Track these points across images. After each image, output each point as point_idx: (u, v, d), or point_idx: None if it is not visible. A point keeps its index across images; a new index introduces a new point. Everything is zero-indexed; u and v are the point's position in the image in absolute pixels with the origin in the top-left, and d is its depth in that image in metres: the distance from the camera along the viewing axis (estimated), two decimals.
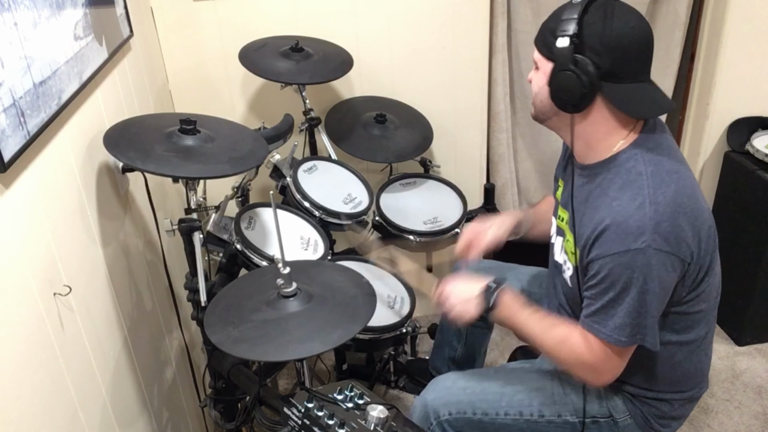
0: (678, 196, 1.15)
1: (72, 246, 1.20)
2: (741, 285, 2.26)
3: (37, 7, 1.10)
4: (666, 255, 1.13)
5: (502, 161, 2.38)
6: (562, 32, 1.13)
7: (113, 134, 1.34)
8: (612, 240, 1.15)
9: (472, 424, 1.39)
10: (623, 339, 1.18)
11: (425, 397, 1.43)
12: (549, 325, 1.30)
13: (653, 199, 1.13)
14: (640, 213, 1.13)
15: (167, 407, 1.70)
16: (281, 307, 1.20)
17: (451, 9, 2.12)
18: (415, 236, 1.89)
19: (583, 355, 1.23)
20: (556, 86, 1.18)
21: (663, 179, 1.16)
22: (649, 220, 1.12)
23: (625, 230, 1.13)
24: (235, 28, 2.04)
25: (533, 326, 1.30)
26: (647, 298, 1.15)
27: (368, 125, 2.04)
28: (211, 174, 1.35)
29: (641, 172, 1.17)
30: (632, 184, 1.17)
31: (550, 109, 1.23)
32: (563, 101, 1.19)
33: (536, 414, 1.37)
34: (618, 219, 1.15)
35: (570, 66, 1.14)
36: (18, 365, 0.96)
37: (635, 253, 1.12)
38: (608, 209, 1.17)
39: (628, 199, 1.15)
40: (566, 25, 1.13)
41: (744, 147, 2.30)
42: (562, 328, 1.28)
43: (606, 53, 1.13)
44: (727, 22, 2.20)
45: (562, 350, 1.27)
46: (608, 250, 1.15)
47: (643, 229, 1.12)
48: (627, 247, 1.13)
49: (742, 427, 2.05)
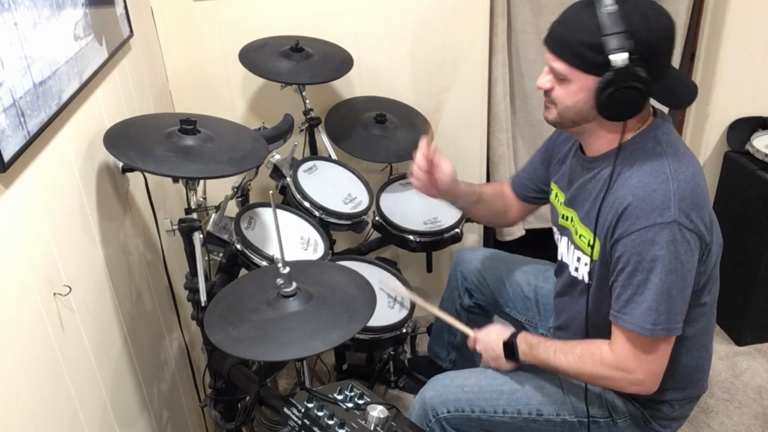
0: (695, 177, 1.16)
1: (72, 246, 1.20)
2: (741, 285, 2.26)
3: (37, 7, 1.10)
4: (689, 232, 1.12)
5: (502, 161, 2.38)
6: (617, 48, 1.09)
7: (113, 134, 1.34)
8: (636, 215, 1.14)
9: (471, 422, 1.40)
10: (648, 326, 1.14)
11: (424, 394, 1.44)
12: (568, 347, 1.28)
13: (675, 176, 1.14)
14: (665, 186, 1.13)
15: (167, 407, 1.70)
16: (281, 307, 1.20)
17: (451, 9, 2.12)
18: (415, 236, 1.89)
19: (606, 357, 1.21)
20: (613, 101, 1.14)
21: (681, 160, 1.17)
22: (673, 195, 1.12)
23: (650, 204, 1.12)
24: (235, 28, 2.04)
25: (554, 353, 1.29)
26: (673, 279, 1.13)
27: (368, 125, 2.04)
28: (211, 174, 1.35)
29: (661, 152, 1.18)
30: (653, 161, 1.17)
31: (587, 117, 1.21)
32: (617, 112, 1.16)
33: (535, 413, 1.37)
34: (641, 194, 1.14)
35: (632, 83, 1.11)
36: (18, 365, 0.96)
37: (662, 228, 1.11)
38: (628, 188, 1.16)
39: (649, 176, 1.15)
40: (619, 41, 1.09)
41: (744, 147, 2.29)
42: (581, 343, 1.27)
43: (655, 59, 1.12)
44: (727, 22, 2.20)
45: (586, 364, 1.24)
46: (633, 226, 1.14)
47: (668, 203, 1.11)
48: (653, 222, 1.12)
49: (742, 427, 2.05)
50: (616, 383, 1.24)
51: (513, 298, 1.69)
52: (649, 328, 1.15)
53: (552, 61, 1.20)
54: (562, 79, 1.19)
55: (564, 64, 1.17)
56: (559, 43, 1.18)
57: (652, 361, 1.19)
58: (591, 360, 1.23)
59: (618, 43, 1.09)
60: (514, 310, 1.70)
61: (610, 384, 1.25)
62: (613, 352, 1.20)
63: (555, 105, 1.24)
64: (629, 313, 1.17)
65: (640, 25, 1.10)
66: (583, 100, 1.18)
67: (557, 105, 1.23)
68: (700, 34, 2.33)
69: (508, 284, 1.70)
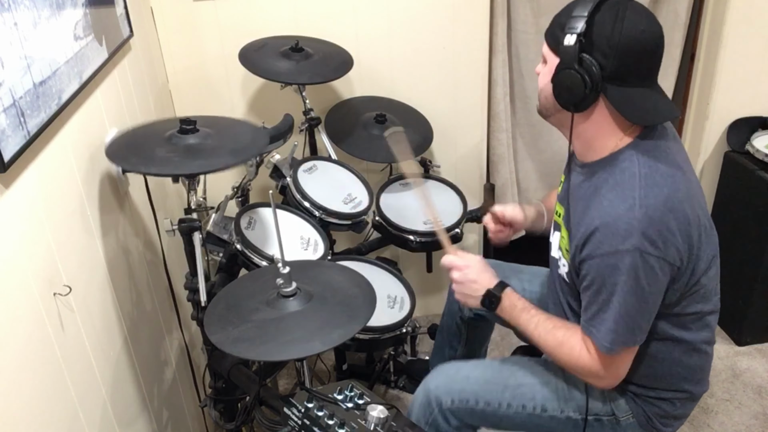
0: (669, 200, 1.13)
1: (72, 246, 1.20)
2: (741, 285, 2.26)
3: (37, 7, 1.10)
4: (654, 258, 1.12)
5: (502, 161, 2.38)
6: (570, 29, 1.13)
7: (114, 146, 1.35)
8: (600, 241, 1.15)
9: (474, 414, 1.39)
10: (606, 345, 1.19)
11: (428, 384, 1.43)
12: (551, 326, 1.30)
13: (644, 202, 1.13)
14: (630, 215, 1.12)
15: (167, 407, 1.70)
16: (281, 307, 1.20)
17: (451, 9, 2.12)
18: (415, 236, 1.89)
19: (582, 358, 1.24)
20: (560, 84, 1.17)
21: (656, 181, 1.15)
22: (637, 223, 1.11)
23: (614, 231, 1.13)
24: (235, 28, 2.04)
25: (534, 328, 1.31)
26: (635, 301, 1.15)
27: (368, 125, 2.04)
28: (214, 167, 1.34)
29: (635, 173, 1.16)
30: (624, 184, 1.16)
31: (553, 105, 1.23)
32: (565, 100, 1.19)
33: (539, 408, 1.37)
34: (607, 219, 1.15)
35: (574, 65, 1.13)
36: (18, 365, 0.96)
37: (623, 255, 1.12)
38: (599, 209, 1.17)
39: (618, 200, 1.15)
40: (575, 22, 1.12)
41: (744, 147, 2.29)
42: (563, 330, 1.28)
43: (612, 55, 1.12)
44: (727, 22, 2.20)
45: (561, 353, 1.27)
46: (596, 250, 1.16)
47: (631, 231, 1.11)
48: (615, 249, 1.13)
49: (742, 427, 2.05)
50: (582, 376, 1.28)
51: None
52: (607, 347, 1.19)
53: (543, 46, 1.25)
54: (544, 62, 1.24)
55: (545, 45, 1.23)
56: (548, 27, 1.23)
57: (619, 367, 1.24)
58: (568, 352, 1.26)
59: (576, 24, 1.12)
60: None
61: (575, 374, 1.30)
62: (589, 356, 1.23)
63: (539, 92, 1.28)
64: (596, 327, 1.20)
65: (609, 18, 1.12)
66: (548, 83, 1.21)
67: (539, 91, 1.27)
68: (700, 34, 2.33)
69: None
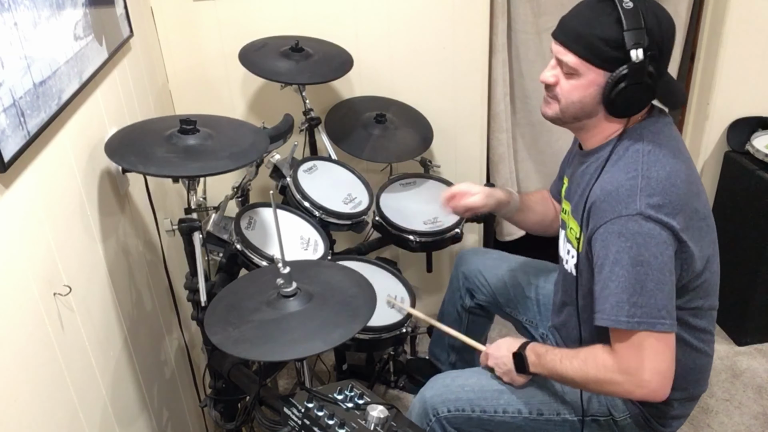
0: (671, 177, 1.15)
1: (72, 246, 1.20)
2: (741, 285, 2.26)
3: (37, 7, 1.10)
4: (659, 225, 1.11)
5: (502, 161, 2.38)
6: (635, 44, 1.10)
7: (114, 142, 1.34)
8: (603, 209, 1.15)
9: (471, 422, 1.39)
10: (623, 319, 1.12)
11: (424, 394, 1.44)
12: (573, 352, 1.27)
13: (646, 173, 1.14)
14: (632, 182, 1.13)
15: (167, 407, 1.70)
16: (281, 307, 1.20)
17: (451, 9, 2.12)
18: (415, 236, 1.88)
19: (608, 361, 1.18)
20: (624, 97, 1.15)
21: (659, 159, 1.16)
22: (639, 190, 1.12)
23: (616, 198, 1.13)
24: (235, 28, 2.04)
25: (559, 362, 1.27)
26: (642, 271, 1.11)
27: (368, 125, 2.04)
28: (212, 170, 1.34)
29: (638, 150, 1.18)
30: (627, 159, 1.18)
31: (590, 114, 1.22)
32: (624, 109, 1.18)
33: (535, 412, 1.37)
34: (608, 188, 1.15)
35: (644, 79, 1.13)
36: (18, 365, 0.96)
37: (627, 220, 1.11)
38: (601, 182, 1.18)
39: (620, 172, 1.16)
40: (637, 36, 1.11)
41: (744, 147, 2.30)
42: (584, 350, 1.26)
43: (662, 57, 1.14)
44: (727, 22, 2.20)
45: (590, 368, 1.22)
46: (600, 219, 1.15)
47: (634, 196, 1.12)
48: (618, 214, 1.12)
49: (742, 427, 2.05)
50: (622, 387, 1.18)
51: (514, 298, 1.70)
52: (624, 321, 1.13)
53: (562, 55, 1.19)
54: (571, 74, 1.19)
55: (576, 58, 1.17)
56: (572, 36, 1.17)
57: (654, 358, 1.14)
58: (594, 364, 1.21)
59: (636, 38, 1.11)
60: (514, 310, 1.70)
61: (616, 389, 1.20)
62: (612, 354, 1.19)
63: (557, 100, 1.24)
64: (600, 309, 1.16)
65: (653, 24, 1.13)
66: (590, 95, 1.19)
67: (560, 100, 1.23)
68: (700, 34, 2.33)
69: (509, 284, 1.70)
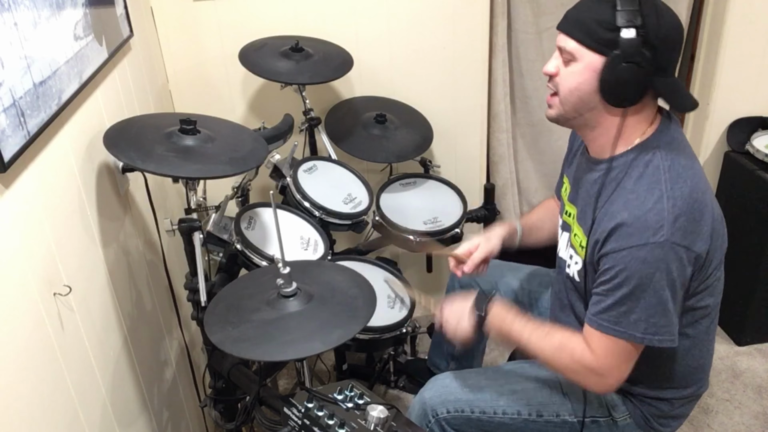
0: (694, 192, 1.15)
1: (72, 246, 1.20)
2: (741, 285, 2.26)
3: (37, 7, 1.10)
4: (683, 249, 1.13)
5: (502, 161, 2.38)
6: (627, 23, 1.11)
7: (113, 134, 1.34)
8: (629, 234, 1.14)
9: (470, 423, 1.39)
10: (638, 335, 1.16)
11: (423, 395, 1.43)
12: (545, 332, 1.28)
13: (671, 194, 1.14)
14: (659, 207, 1.13)
15: (167, 407, 1.70)
16: (281, 307, 1.20)
17: (451, 9, 2.12)
18: (415, 236, 1.89)
19: (585, 357, 1.21)
20: (615, 79, 1.14)
21: (680, 174, 1.16)
22: (668, 214, 1.12)
23: (644, 224, 1.13)
24: (235, 28, 2.04)
25: (529, 335, 1.29)
26: (664, 295, 1.14)
27: (368, 125, 2.04)
28: (211, 174, 1.35)
29: (658, 166, 1.17)
30: (649, 177, 1.17)
31: (589, 104, 1.20)
32: (618, 95, 1.17)
33: (534, 414, 1.37)
34: (636, 213, 1.14)
35: (636, 59, 1.11)
36: (18, 365, 0.96)
37: (654, 247, 1.12)
38: (624, 203, 1.17)
39: (645, 193, 1.15)
40: (629, 16, 1.11)
41: (744, 147, 2.30)
42: (560, 334, 1.27)
43: (661, 47, 1.13)
44: (727, 22, 2.20)
45: (561, 356, 1.25)
46: (625, 243, 1.14)
47: (662, 222, 1.12)
48: (645, 241, 1.12)
49: (742, 427, 2.05)
50: (586, 380, 1.24)
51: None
52: (639, 336, 1.16)
53: (562, 42, 1.20)
54: (569, 60, 1.20)
55: (574, 42, 1.18)
56: (572, 21, 1.19)
57: (626, 369, 1.20)
58: (570, 354, 1.23)
59: (628, 17, 1.11)
60: None
61: (576, 379, 1.25)
62: (593, 355, 1.20)
63: (558, 94, 1.24)
64: (613, 320, 1.17)
65: (652, 11, 1.12)
66: (586, 82, 1.18)
67: (560, 92, 1.23)
68: (700, 34, 2.33)
69: (502, 290, 1.70)
